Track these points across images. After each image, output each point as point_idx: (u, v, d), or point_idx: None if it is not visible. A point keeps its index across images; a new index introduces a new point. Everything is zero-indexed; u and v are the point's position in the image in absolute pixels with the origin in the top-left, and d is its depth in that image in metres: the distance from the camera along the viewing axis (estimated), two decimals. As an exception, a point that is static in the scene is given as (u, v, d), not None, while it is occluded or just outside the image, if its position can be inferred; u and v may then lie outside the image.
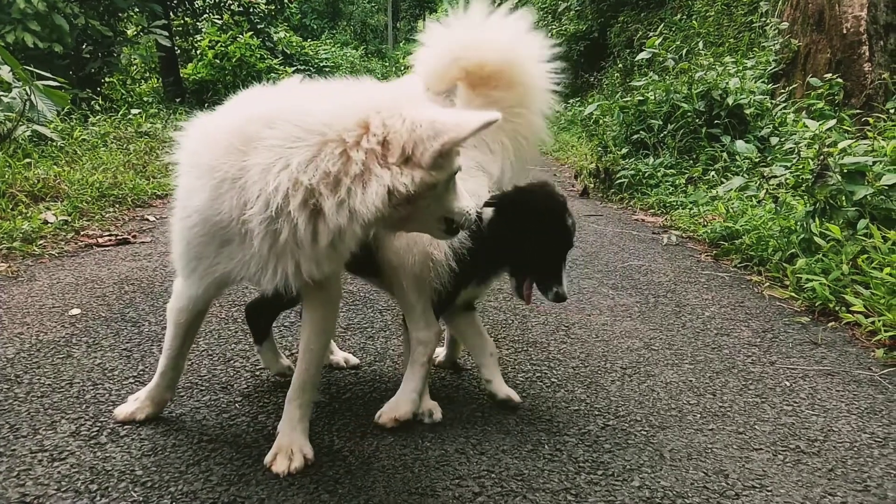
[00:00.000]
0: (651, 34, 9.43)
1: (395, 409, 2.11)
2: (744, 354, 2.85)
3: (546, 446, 2.04)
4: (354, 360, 2.61)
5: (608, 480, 1.87)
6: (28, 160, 5.83)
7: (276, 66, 16.59)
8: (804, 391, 2.50)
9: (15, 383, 2.33)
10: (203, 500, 1.70)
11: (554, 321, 3.17)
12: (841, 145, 3.94)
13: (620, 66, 13.00)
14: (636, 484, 1.86)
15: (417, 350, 2.15)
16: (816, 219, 3.78)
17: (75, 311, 3.08)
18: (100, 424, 2.06)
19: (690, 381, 2.56)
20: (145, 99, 13.03)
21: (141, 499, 1.69)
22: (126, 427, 2.05)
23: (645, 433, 2.15)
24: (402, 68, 32.13)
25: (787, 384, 2.56)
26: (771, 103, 6.82)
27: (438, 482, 1.83)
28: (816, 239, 3.65)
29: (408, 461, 1.93)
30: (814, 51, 7.07)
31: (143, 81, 15.03)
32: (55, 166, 5.98)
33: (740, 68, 7.66)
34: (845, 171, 3.76)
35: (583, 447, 2.04)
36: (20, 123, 6.44)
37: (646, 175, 6.69)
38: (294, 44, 19.82)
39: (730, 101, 6.56)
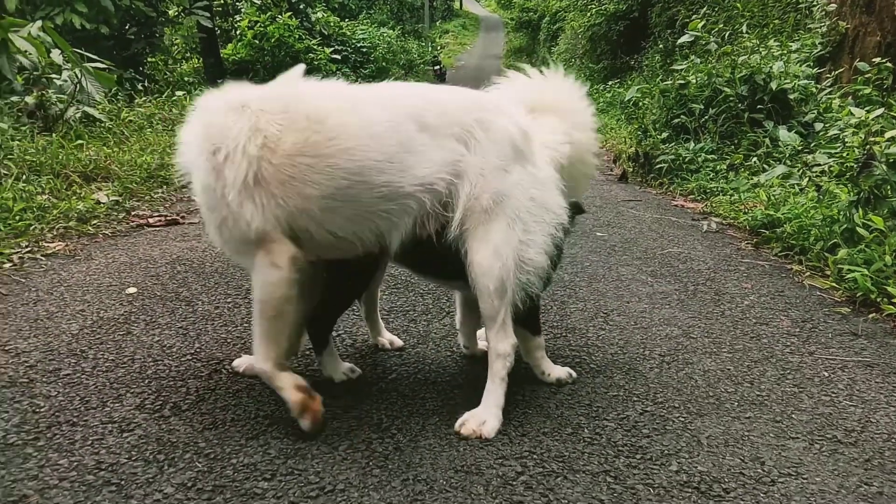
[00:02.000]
0: (693, 16, 9.28)
1: (480, 424, 2.06)
2: (782, 344, 2.87)
3: (586, 430, 2.11)
4: (399, 342, 2.70)
5: (646, 464, 1.94)
6: (80, 142, 6.03)
7: (314, 47, 16.71)
8: (842, 382, 2.53)
9: (81, 358, 2.48)
10: (263, 471, 1.81)
11: (592, 308, 3.23)
12: (888, 134, 3.88)
13: (661, 46, 12.80)
14: (674, 468, 1.92)
15: (497, 363, 2.13)
16: (860, 209, 3.75)
17: (132, 290, 3.23)
18: (163, 399, 2.19)
19: (728, 369, 2.60)
20: (186, 79, 13.28)
21: (206, 469, 1.81)
22: (187, 401, 2.18)
23: (683, 419, 2.20)
24: (438, 47, 32.05)
25: (826, 374, 2.58)
26: (816, 88, 6.70)
27: (482, 461, 1.91)
28: (859, 229, 3.62)
29: (453, 440, 2.01)
30: (862, 34, 6.90)
31: (183, 62, 15.28)
32: (105, 147, 6.18)
33: (785, 51, 7.51)
34: (891, 160, 3.72)
35: (622, 431, 2.11)
36: (70, 105, 6.66)
37: (686, 160, 6.64)
38: (332, 24, 19.90)
39: (773, 85, 6.46)
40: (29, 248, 3.78)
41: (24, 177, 4.84)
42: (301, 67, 2.23)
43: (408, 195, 2.01)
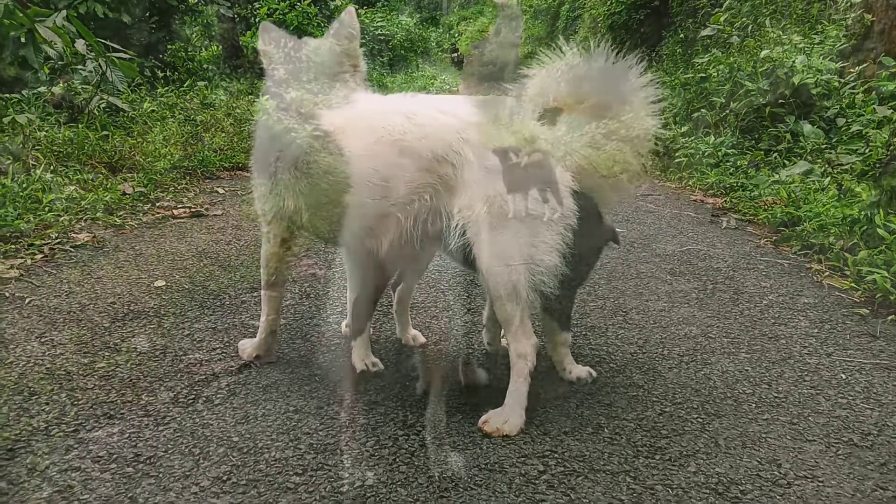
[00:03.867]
0: (716, 9, 9.19)
1: (503, 421, 2.11)
2: (800, 345, 2.89)
3: (606, 430, 2.16)
4: (422, 339, 2.76)
5: (665, 465, 1.98)
6: (105, 132, 6.12)
7: (333, 35, 16.69)
8: (860, 384, 2.55)
9: (115, 351, 2.56)
10: (294, 466, 1.88)
11: (612, 306, 3.27)
12: (912, 134, 3.87)
13: (682, 36, 12.67)
14: (692, 469, 1.97)
15: (518, 363, 2.16)
16: (881, 210, 3.74)
17: (160, 283, 3.31)
18: (195, 393, 2.27)
19: (746, 370, 2.63)
20: (205, 66, 13.34)
21: (239, 463, 1.88)
22: (219, 396, 2.25)
23: (701, 420, 2.24)
24: (457, 35, 31.87)
25: (843, 377, 2.61)
26: (839, 83, 6.63)
27: (505, 459, 1.97)
28: (880, 230, 3.62)
29: (476, 438, 2.07)
30: (889, 27, 6.81)
31: (202, 50, 15.34)
32: (129, 138, 6.27)
33: (808, 44, 7.44)
34: (914, 160, 3.71)
35: (641, 432, 2.15)
36: (95, 95, 6.74)
37: (706, 154, 6.63)
38: (350, 12, 19.84)
39: (796, 80, 6.41)
40: (58, 240, 3.87)
41: (51, 167, 4.94)
42: (352, 11, 2.53)
43: (384, 215, 2.19)
